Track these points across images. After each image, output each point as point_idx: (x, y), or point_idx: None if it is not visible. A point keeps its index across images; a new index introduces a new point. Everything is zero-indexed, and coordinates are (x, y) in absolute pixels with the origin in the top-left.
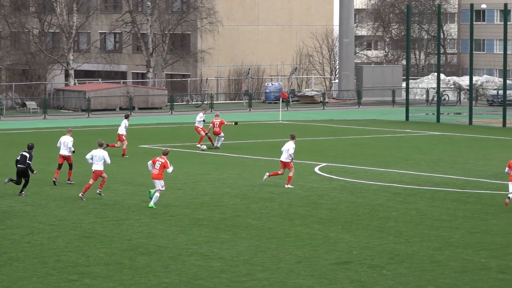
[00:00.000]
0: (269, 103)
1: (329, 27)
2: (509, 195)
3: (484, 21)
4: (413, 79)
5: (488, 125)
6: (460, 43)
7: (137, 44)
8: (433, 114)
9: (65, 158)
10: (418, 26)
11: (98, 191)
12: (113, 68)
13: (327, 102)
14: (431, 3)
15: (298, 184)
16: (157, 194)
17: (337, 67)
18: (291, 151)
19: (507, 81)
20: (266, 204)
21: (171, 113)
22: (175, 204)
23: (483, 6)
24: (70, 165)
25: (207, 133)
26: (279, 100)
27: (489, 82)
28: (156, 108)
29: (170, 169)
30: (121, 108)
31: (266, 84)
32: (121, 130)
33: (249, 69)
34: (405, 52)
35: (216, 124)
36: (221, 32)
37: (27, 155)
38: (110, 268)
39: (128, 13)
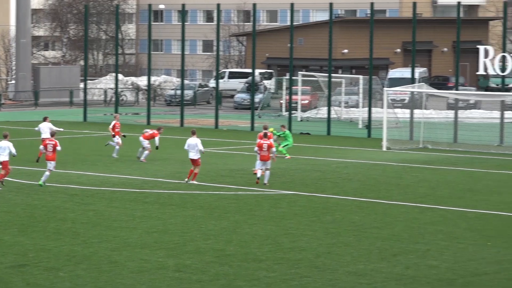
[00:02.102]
0: None
1: (5, 27)
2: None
3: (162, 22)
4: (91, 79)
5: (166, 125)
6: (138, 44)
7: None
8: (111, 114)
9: None
10: (96, 27)
11: None
12: None
13: (3, 104)
14: (110, 3)
15: None
16: (47, 173)
17: (14, 67)
18: (201, 147)
19: (185, 81)
20: None
21: None
22: None
23: (161, 6)
24: None
25: None
26: None
27: (167, 82)
28: None
29: (59, 148)
30: None
31: None
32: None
33: None
34: (83, 52)
35: None
36: None
37: None
38: None
39: None
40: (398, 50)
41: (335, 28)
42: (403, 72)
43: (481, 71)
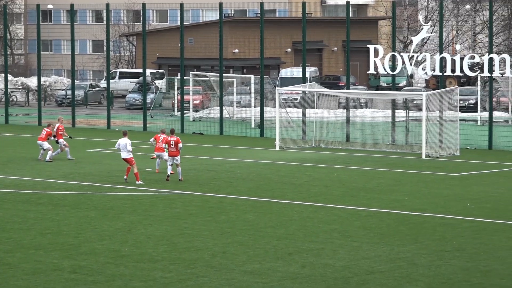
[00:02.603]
0: None
1: None
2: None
3: (51, 22)
4: None
5: None
6: (27, 44)
7: None
8: (2, 115)
9: None
10: None
11: None
12: None
13: None
14: None
15: None
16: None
17: None
18: (129, 147)
19: (75, 81)
20: None
21: None
22: None
23: (50, 6)
24: None
25: None
26: None
27: (58, 82)
28: None
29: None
30: None
31: None
32: None
33: None
34: None
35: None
36: None
37: None
38: None
39: None
40: (289, 49)
41: (225, 28)
42: (294, 72)
43: (371, 70)
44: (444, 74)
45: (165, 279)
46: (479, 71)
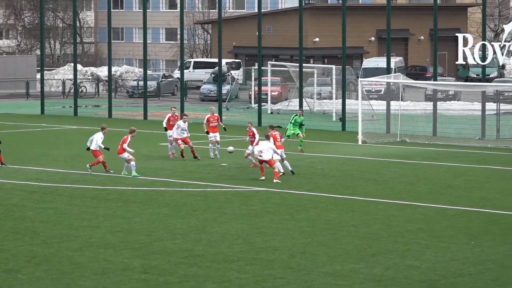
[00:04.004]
0: None
1: None
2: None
3: (123, 8)
4: (48, 70)
5: (129, 118)
6: (97, 32)
7: None
8: (70, 107)
9: None
10: (52, 14)
11: None
12: None
13: None
14: None
15: None
16: (132, 163)
17: None
18: (99, 141)
19: (148, 71)
20: None
21: None
22: None
23: None
24: None
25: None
26: None
27: (129, 72)
28: None
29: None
30: None
31: None
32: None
33: None
34: (39, 41)
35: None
36: None
37: None
38: None
39: None
40: (372, 38)
41: (305, 15)
42: (378, 62)
43: (460, 61)
44: None
45: (240, 280)
46: None
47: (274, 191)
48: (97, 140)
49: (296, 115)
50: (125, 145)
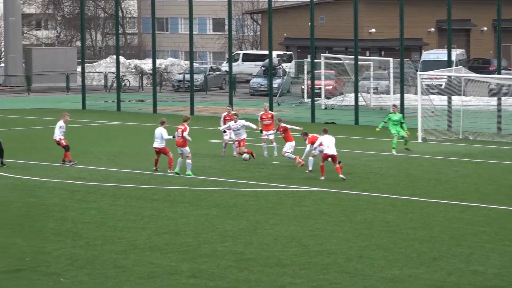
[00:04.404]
0: None
1: None
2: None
3: None
4: (89, 62)
5: (174, 113)
6: (141, 22)
7: None
8: (113, 101)
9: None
10: (93, 3)
11: None
12: None
13: None
14: None
15: None
16: (188, 161)
17: (3, 49)
18: (165, 134)
19: (194, 64)
20: None
21: None
22: None
23: None
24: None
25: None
26: None
27: (175, 65)
28: None
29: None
30: None
31: None
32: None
33: None
34: (79, 32)
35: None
36: None
37: None
38: None
39: None
40: (432, 29)
41: (360, 4)
42: (438, 54)
43: None
44: None
45: (294, 286)
46: None
47: (329, 191)
48: (162, 134)
49: (391, 112)
50: (185, 134)
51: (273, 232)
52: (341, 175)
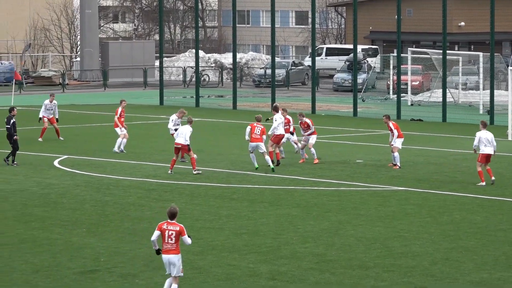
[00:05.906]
0: None
1: None
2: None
3: None
4: (167, 56)
5: (255, 109)
6: (221, 15)
7: None
8: (192, 97)
9: None
10: None
11: None
12: None
13: (67, 84)
14: None
15: (34, 181)
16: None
17: (79, 43)
18: (189, 134)
19: (276, 58)
20: None
21: None
22: None
23: None
24: None
25: None
26: (10, 82)
27: (256, 59)
28: None
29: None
30: None
31: None
32: None
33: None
34: (157, 25)
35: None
36: None
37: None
38: None
39: None
40: None
41: None
42: None
43: None
44: None
45: None
46: None
47: (414, 191)
48: (186, 134)
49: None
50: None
51: (356, 233)
52: (493, 178)
